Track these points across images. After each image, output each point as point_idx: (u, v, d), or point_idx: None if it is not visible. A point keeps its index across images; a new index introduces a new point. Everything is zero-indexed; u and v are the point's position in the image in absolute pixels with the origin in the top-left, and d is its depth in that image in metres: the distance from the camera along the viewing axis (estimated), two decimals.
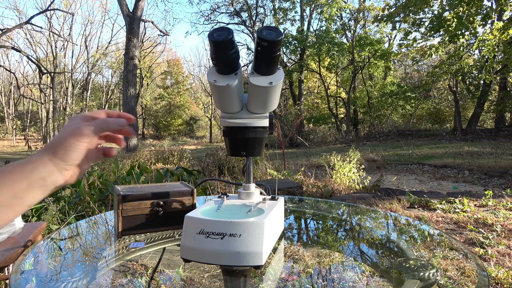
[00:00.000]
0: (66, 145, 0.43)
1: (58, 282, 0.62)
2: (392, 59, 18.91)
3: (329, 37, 16.79)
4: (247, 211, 0.64)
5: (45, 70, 15.86)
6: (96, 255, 0.77)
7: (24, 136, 25.61)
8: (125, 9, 11.08)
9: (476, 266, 0.67)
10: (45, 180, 0.42)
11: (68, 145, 0.43)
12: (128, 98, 11.13)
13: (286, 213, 1.10)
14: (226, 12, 21.92)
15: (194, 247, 0.58)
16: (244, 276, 0.64)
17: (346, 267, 0.70)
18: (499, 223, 2.74)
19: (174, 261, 0.74)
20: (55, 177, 0.43)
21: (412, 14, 7.28)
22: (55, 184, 0.43)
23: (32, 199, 0.41)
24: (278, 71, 0.55)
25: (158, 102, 30.47)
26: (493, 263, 2.02)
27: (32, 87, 26.48)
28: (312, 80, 25.11)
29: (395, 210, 3.22)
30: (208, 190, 3.60)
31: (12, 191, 0.39)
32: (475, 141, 11.66)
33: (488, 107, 15.90)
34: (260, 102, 0.58)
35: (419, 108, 19.40)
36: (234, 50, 0.49)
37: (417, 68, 24.28)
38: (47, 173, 0.42)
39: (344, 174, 4.59)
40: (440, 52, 9.64)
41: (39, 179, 0.41)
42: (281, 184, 3.85)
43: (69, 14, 21.16)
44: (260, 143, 0.63)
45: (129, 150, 10.32)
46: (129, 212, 0.85)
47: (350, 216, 1.15)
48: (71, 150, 0.43)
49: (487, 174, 5.89)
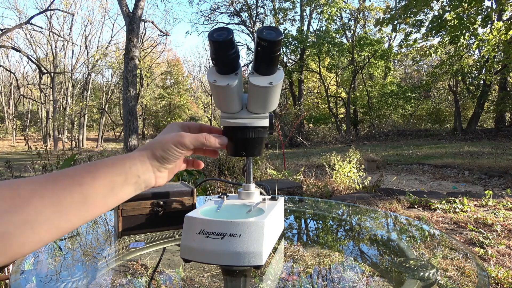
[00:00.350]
0: (166, 148, 0.45)
1: (58, 282, 0.62)
2: (392, 59, 18.91)
3: (329, 37, 16.80)
4: (247, 211, 0.64)
5: (45, 70, 15.87)
6: (96, 255, 0.77)
7: (24, 136, 25.62)
8: (125, 9, 11.08)
9: (476, 266, 0.67)
10: (139, 178, 0.43)
11: (167, 148, 0.45)
12: (128, 98, 11.13)
13: (286, 213, 1.10)
14: (226, 12, 21.94)
15: (194, 247, 0.58)
16: (244, 276, 0.64)
17: (346, 267, 0.70)
18: (499, 223, 2.74)
19: (174, 261, 0.74)
20: (148, 176, 0.44)
21: (413, 15, 7.28)
22: (146, 184, 0.44)
23: (123, 195, 0.42)
24: (278, 71, 0.55)
25: (158, 102, 30.48)
26: (493, 263, 2.02)
27: (32, 87, 26.48)
28: (312, 80, 25.12)
29: (395, 210, 3.22)
30: (208, 190, 3.60)
31: (110, 183, 0.40)
32: (475, 141, 11.66)
33: (488, 107, 15.91)
34: (260, 102, 0.58)
35: (419, 108, 19.40)
36: (234, 50, 0.49)
37: (417, 68, 24.29)
38: (143, 171, 0.43)
39: (344, 174, 4.59)
40: (440, 52, 9.65)
41: (135, 176, 0.42)
42: (281, 184, 3.85)
43: (69, 14, 21.16)
44: (260, 143, 0.63)
45: (129, 150, 10.32)
46: (129, 212, 0.86)
47: (350, 216, 1.15)
48: (169, 155, 0.45)
49: (487, 174, 5.90)
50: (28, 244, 0.33)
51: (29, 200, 0.33)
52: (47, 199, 0.34)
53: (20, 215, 0.32)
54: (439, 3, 7.59)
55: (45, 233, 0.34)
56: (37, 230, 0.33)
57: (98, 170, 0.39)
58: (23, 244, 0.33)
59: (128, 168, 0.42)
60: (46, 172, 4.11)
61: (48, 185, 0.35)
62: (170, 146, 0.45)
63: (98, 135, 25.55)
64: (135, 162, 0.43)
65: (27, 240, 0.33)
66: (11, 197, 0.32)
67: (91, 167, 0.39)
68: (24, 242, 0.33)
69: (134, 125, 11.28)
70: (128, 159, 0.43)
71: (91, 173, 0.39)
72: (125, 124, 11.28)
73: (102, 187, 0.39)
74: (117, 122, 28.68)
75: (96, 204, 0.38)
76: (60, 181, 0.36)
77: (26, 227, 0.32)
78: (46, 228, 0.34)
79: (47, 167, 4.16)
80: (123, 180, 0.41)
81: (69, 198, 0.36)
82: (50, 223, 0.34)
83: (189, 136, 0.47)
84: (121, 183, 0.41)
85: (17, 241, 0.32)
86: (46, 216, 0.34)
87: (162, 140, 0.46)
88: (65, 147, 20.21)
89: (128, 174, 0.42)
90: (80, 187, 0.37)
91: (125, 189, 0.42)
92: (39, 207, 0.33)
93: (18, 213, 0.32)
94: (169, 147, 0.45)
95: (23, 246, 0.33)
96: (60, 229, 0.35)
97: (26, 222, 0.32)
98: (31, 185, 0.35)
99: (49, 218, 0.34)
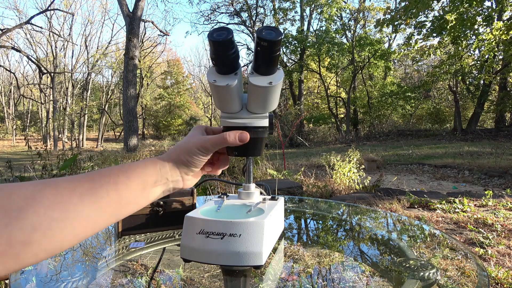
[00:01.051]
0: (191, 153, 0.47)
1: (58, 282, 0.62)
2: (392, 59, 18.90)
3: (329, 37, 16.80)
4: (247, 211, 0.64)
5: (45, 70, 15.87)
6: (96, 255, 0.77)
7: (24, 136, 25.62)
8: (125, 9, 11.08)
9: (476, 266, 0.67)
10: (168, 180, 0.45)
11: (193, 153, 0.47)
12: (128, 98, 11.13)
13: (286, 213, 1.10)
14: (226, 12, 21.95)
15: (194, 247, 0.58)
16: (244, 276, 0.64)
17: (346, 267, 0.70)
18: (499, 223, 2.74)
19: (174, 261, 0.74)
20: (176, 179, 0.46)
21: (413, 16, 7.27)
22: (174, 186, 0.47)
23: (153, 195, 0.44)
24: (278, 71, 0.54)
25: (158, 102, 30.48)
26: (493, 263, 2.02)
27: (32, 87, 26.49)
28: (312, 80, 25.11)
29: (395, 210, 3.22)
30: (208, 190, 3.60)
31: (143, 183, 0.42)
32: (475, 141, 11.66)
33: (488, 107, 15.90)
34: (260, 102, 0.58)
35: (419, 108, 19.40)
36: (234, 50, 0.49)
37: (417, 68, 24.29)
38: (171, 174, 0.46)
39: (344, 174, 4.59)
40: (439, 52, 9.64)
41: (164, 178, 0.45)
42: (281, 184, 3.85)
43: (69, 14, 21.16)
44: (260, 143, 0.63)
45: (129, 150, 10.32)
46: None
47: (350, 216, 1.15)
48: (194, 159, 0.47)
49: (487, 174, 5.89)
50: (67, 241, 0.35)
51: (69, 198, 0.35)
52: (86, 197, 0.36)
53: (61, 212, 0.34)
54: (440, 3, 7.59)
55: (83, 230, 0.36)
56: (76, 227, 0.35)
57: (132, 170, 0.42)
58: (62, 240, 0.34)
59: (159, 170, 0.44)
60: (46, 172, 4.11)
61: (86, 183, 0.37)
62: (194, 151, 0.47)
63: (98, 135, 25.55)
64: (164, 165, 0.45)
65: (66, 237, 0.34)
66: (52, 195, 0.34)
67: (125, 168, 0.42)
68: (63, 238, 0.34)
69: (134, 125, 11.28)
70: (158, 162, 0.45)
71: (126, 173, 0.41)
72: (125, 124, 11.28)
73: (135, 187, 0.41)
74: (117, 122, 28.68)
75: (129, 203, 0.40)
76: (96, 180, 0.38)
77: (66, 224, 0.34)
78: (84, 225, 0.36)
79: (47, 167, 4.16)
80: (153, 181, 0.43)
81: (106, 197, 0.38)
82: (88, 221, 0.36)
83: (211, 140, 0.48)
84: (152, 184, 0.43)
85: (58, 237, 0.33)
86: (85, 213, 0.35)
87: (187, 145, 0.47)
88: (65, 147, 20.21)
89: (159, 176, 0.44)
90: (115, 185, 0.39)
91: (155, 190, 0.44)
92: (79, 205, 0.35)
93: (59, 210, 0.34)
94: (194, 152, 0.47)
95: (62, 242, 0.34)
96: (96, 227, 0.37)
97: (66, 219, 0.34)
98: (70, 183, 0.36)
99: (88, 216, 0.36)
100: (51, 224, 0.33)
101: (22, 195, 0.32)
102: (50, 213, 0.33)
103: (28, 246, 0.31)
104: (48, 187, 0.34)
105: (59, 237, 0.33)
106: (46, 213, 0.32)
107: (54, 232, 0.33)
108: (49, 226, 0.32)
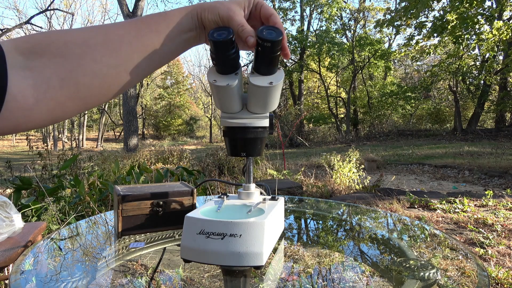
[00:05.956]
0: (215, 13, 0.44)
1: (58, 282, 0.62)
2: (392, 59, 18.91)
3: (329, 37, 16.79)
4: (247, 211, 0.64)
5: None
6: (96, 255, 0.77)
7: (26, 136, 25.62)
8: (125, 9, 11.08)
9: (476, 266, 0.67)
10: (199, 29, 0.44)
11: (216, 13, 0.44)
12: (128, 98, 11.13)
13: (286, 213, 1.10)
14: None
15: (194, 247, 0.58)
16: (244, 276, 0.64)
17: (346, 267, 0.70)
18: (499, 223, 2.74)
19: (174, 261, 0.74)
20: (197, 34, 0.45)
21: (414, 16, 7.27)
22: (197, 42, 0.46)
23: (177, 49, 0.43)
24: (278, 71, 0.54)
25: (158, 102, 30.47)
26: (493, 263, 2.02)
27: None
28: (312, 80, 25.11)
29: (395, 210, 3.22)
30: (208, 190, 3.60)
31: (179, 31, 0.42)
32: (475, 141, 11.66)
33: (488, 107, 15.90)
34: (260, 102, 0.58)
35: (419, 108, 19.40)
36: (234, 50, 0.49)
37: (417, 68, 24.28)
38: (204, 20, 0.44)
39: (344, 174, 4.59)
40: (439, 51, 9.64)
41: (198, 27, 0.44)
42: (281, 184, 3.85)
43: (69, 14, 21.16)
44: (260, 143, 0.63)
45: (129, 150, 10.32)
46: (129, 212, 0.85)
47: (350, 216, 1.15)
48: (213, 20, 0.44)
49: (487, 174, 5.89)
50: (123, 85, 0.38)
51: (120, 46, 0.37)
52: (134, 45, 0.38)
53: (115, 59, 0.36)
54: (440, 3, 7.59)
55: (135, 76, 0.39)
56: (128, 73, 0.38)
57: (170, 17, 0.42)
58: (118, 85, 0.37)
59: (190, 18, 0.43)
60: (46, 172, 4.11)
61: (132, 31, 0.38)
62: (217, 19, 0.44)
63: (98, 135, 25.55)
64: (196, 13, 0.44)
65: (121, 82, 0.37)
66: (104, 42, 0.36)
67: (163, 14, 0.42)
68: (119, 83, 0.37)
69: (134, 125, 11.28)
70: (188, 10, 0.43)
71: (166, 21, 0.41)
72: (125, 124, 11.29)
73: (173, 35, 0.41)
74: (117, 122, 28.68)
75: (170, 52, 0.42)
76: (142, 29, 0.39)
77: (121, 70, 0.37)
78: (136, 72, 0.38)
79: (47, 167, 4.16)
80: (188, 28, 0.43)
81: (151, 45, 0.39)
82: (137, 67, 0.38)
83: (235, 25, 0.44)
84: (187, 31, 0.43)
85: (115, 82, 0.37)
86: (135, 60, 0.38)
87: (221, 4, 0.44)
88: (65, 147, 20.21)
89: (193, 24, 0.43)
90: (157, 34, 0.40)
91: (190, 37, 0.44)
92: (129, 53, 0.37)
93: (113, 57, 0.36)
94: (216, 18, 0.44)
95: (118, 87, 0.38)
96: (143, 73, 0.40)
97: (119, 65, 0.37)
98: (118, 30, 0.38)
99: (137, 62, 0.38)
100: (108, 71, 0.35)
101: (77, 43, 0.34)
102: (106, 60, 0.35)
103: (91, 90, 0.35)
104: (98, 35, 0.36)
105: (116, 82, 0.37)
106: (103, 60, 0.35)
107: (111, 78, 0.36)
108: (106, 72, 0.35)
